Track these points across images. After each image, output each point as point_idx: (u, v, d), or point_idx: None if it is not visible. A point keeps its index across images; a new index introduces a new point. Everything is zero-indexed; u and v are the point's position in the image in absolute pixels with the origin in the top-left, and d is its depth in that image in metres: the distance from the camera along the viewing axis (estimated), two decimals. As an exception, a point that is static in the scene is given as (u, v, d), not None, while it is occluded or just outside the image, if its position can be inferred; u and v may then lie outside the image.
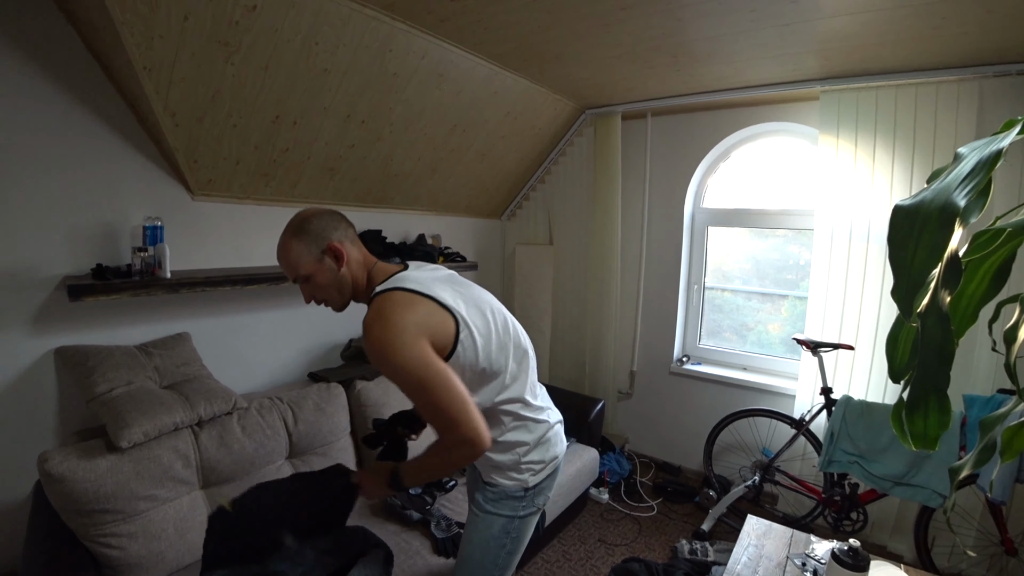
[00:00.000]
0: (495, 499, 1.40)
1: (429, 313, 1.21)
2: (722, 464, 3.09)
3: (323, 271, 1.27)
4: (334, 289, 1.30)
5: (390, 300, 1.19)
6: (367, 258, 1.37)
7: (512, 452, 1.39)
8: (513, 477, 1.39)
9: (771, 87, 2.72)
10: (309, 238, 1.26)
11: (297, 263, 1.27)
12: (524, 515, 1.43)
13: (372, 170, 2.76)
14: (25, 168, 1.78)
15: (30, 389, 1.85)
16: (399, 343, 1.13)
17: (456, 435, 1.16)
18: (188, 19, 1.68)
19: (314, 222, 1.27)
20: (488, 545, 1.41)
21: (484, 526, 1.41)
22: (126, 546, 1.61)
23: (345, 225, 1.34)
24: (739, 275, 3.33)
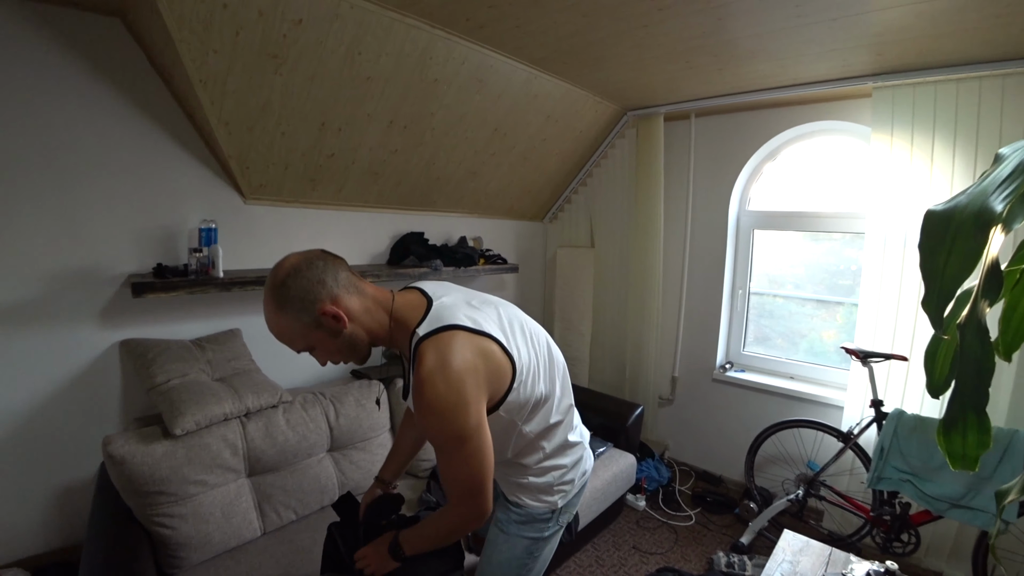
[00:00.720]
0: (521, 521, 1.34)
1: (489, 359, 1.11)
2: (764, 476, 2.99)
3: (325, 339, 1.09)
4: (347, 351, 1.14)
5: (451, 346, 1.05)
6: (378, 295, 1.17)
7: (549, 475, 1.33)
8: (543, 500, 1.33)
9: (819, 84, 2.61)
10: (294, 308, 1.05)
11: (292, 339, 1.09)
12: (549, 535, 1.37)
13: (414, 174, 2.83)
14: (97, 176, 1.95)
15: (98, 377, 2.03)
16: (461, 409, 1.03)
17: (472, 506, 1.13)
18: (240, 34, 1.79)
19: (292, 286, 1.04)
20: (510, 565, 1.37)
21: (507, 547, 1.36)
22: (177, 526, 1.72)
23: (333, 271, 1.09)
24: (791, 280, 3.20)
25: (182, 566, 1.73)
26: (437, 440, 1.09)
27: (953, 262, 0.90)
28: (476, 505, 1.12)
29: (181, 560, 1.73)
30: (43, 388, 1.92)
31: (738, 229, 3.28)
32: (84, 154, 1.91)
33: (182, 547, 1.72)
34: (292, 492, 2.05)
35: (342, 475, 2.22)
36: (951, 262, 0.90)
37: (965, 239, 0.95)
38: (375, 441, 2.38)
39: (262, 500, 1.98)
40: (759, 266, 3.30)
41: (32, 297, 1.85)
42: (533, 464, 1.31)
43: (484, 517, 1.15)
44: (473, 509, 1.13)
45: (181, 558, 1.72)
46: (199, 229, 2.12)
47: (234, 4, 1.69)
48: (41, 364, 1.90)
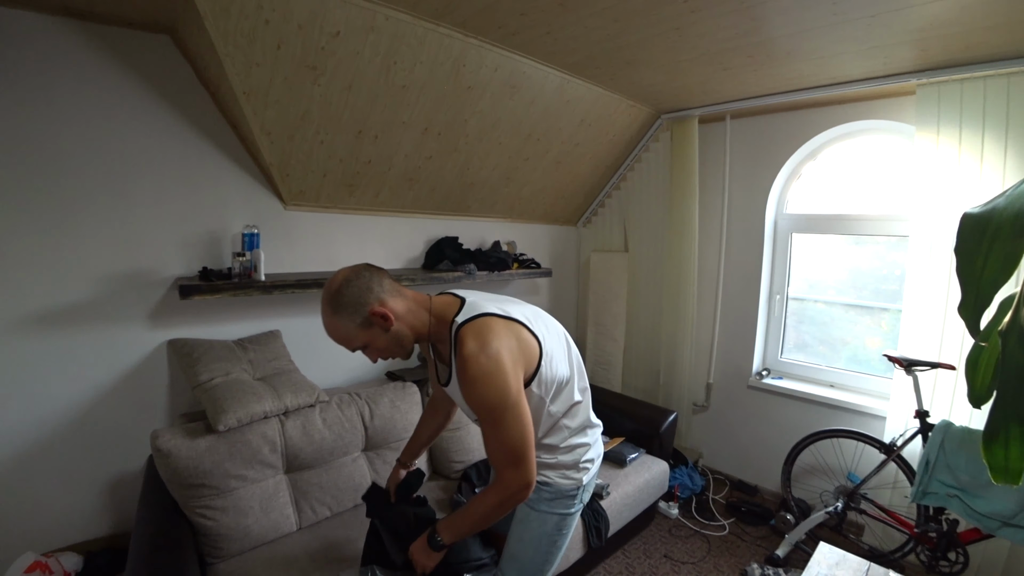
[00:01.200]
0: (550, 498, 1.46)
1: (520, 338, 1.28)
2: (802, 487, 2.89)
3: (376, 336, 1.25)
4: (394, 346, 1.29)
5: (488, 328, 1.23)
6: (418, 298, 1.34)
7: (574, 453, 1.48)
8: (570, 476, 1.47)
9: (860, 83, 2.53)
10: (348, 312, 1.22)
11: (348, 338, 1.25)
12: (574, 511, 1.51)
13: (449, 179, 2.88)
14: (148, 185, 2.07)
15: (147, 374, 2.14)
16: (501, 376, 1.19)
17: (519, 477, 1.25)
18: (281, 48, 1.87)
19: (346, 292, 1.22)
20: (540, 542, 1.49)
21: (538, 524, 1.48)
22: (218, 518, 1.80)
23: (379, 279, 1.27)
24: (833, 285, 3.10)
25: (222, 556, 1.81)
26: (483, 411, 1.22)
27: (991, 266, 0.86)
28: (521, 473, 1.25)
29: (221, 551, 1.80)
30: (99, 383, 2.04)
31: (776, 233, 3.21)
32: (136, 164, 2.03)
33: (222, 538, 1.80)
34: (327, 489, 2.11)
35: (376, 474, 2.27)
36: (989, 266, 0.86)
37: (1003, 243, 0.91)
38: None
39: (299, 496, 2.05)
40: (798, 271, 3.21)
41: (89, 298, 1.98)
42: (560, 443, 1.45)
43: (529, 487, 1.27)
44: (519, 477, 1.25)
45: (221, 548, 1.80)
46: (242, 234, 2.21)
47: (275, 19, 1.77)
48: (97, 361, 2.03)
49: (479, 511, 1.33)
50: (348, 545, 1.92)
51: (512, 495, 1.28)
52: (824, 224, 3.04)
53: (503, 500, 1.29)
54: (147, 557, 1.52)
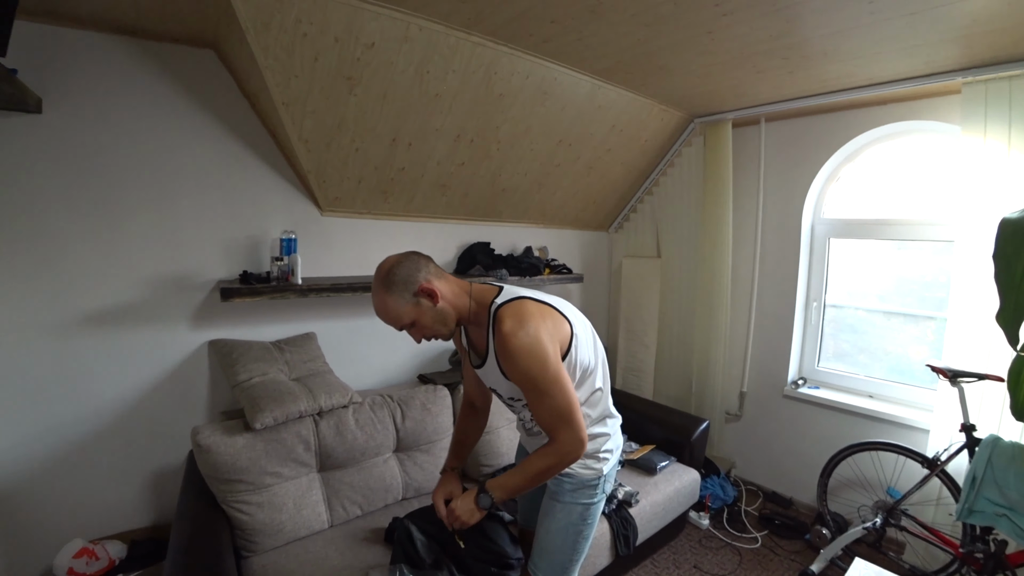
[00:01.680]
0: (573, 488, 1.52)
1: (554, 320, 1.37)
2: (839, 501, 2.79)
3: (423, 312, 1.33)
4: (439, 324, 1.36)
5: (525, 309, 1.32)
6: (460, 283, 1.43)
7: (594, 442, 1.52)
8: (591, 466, 1.52)
9: (901, 83, 2.44)
10: (399, 288, 1.30)
11: (398, 314, 1.32)
12: (597, 501, 1.55)
13: (481, 185, 2.92)
14: (193, 192, 2.17)
15: (189, 373, 2.24)
16: (540, 349, 1.28)
17: (572, 434, 1.32)
18: (318, 59, 1.93)
19: (398, 271, 1.31)
20: (567, 532, 1.53)
21: (563, 514, 1.53)
22: (254, 513, 1.86)
23: (426, 262, 1.37)
24: (875, 292, 2.99)
25: (256, 550, 1.87)
26: (528, 382, 1.30)
27: None
28: (573, 431, 1.32)
29: (256, 545, 1.86)
30: (144, 381, 2.15)
31: (813, 238, 3.12)
32: (181, 172, 2.14)
33: (257, 532, 1.86)
34: (359, 489, 2.15)
35: (406, 475, 2.31)
36: None
37: None
38: (439, 444, 2.44)
39: (331, 494, 2.10)
40: (837, 277, 3.11)
41: (137, 300, 2.08)
42: None
43: (583, 444, 1.34)
44: (572, 435, 1.32)
45: (256, 543, 1.86)
46: (280, 239, 2.29)
47: (313, 32, 1.84)
48: (143, 359, 2.13)
49: (533, 469, 1.38)
50: (378, 545, 1.95)
51: (567, 453, 1.35)
52: (864, 229, 2.95)
53: (559, 458, 1.36)
54: (186, 548, 1.59)
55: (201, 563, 1.54)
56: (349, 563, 1.85)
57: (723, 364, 3.28)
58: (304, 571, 1.79)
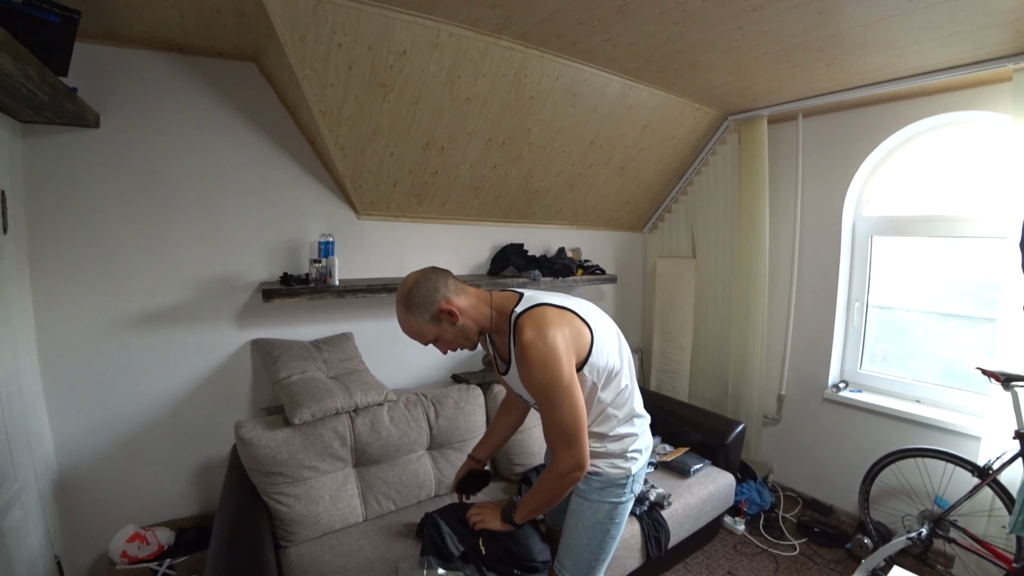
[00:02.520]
0: (600, 487, 1.53)
1: (573, 326, 1.38)
2: (883, 509, 2.67)
3: (444, 330, 1.39)
4: (461, 339, 1.43)
5: (545, 316, 1.35)
6: (479, 295, 1.46)
7: (622, 442, 1.54)
8: (619, 466, 1.53)
9: (945, 72, 2.33)
10: (419, 309, 1.35)
11: (421, 333, 1.39)
12: (625, 501, 1.56)
13: (513, 187, 2.95)
14: (236, 198, 2.28)
15: (233, 371, 2.35)
16: (556, 361, 1.30)
17: (571, 457, 1.35)
18: (352, 68, 2.01)
19: (417, 293, 1.35)
20: (595, 531, 1.54)
21: (591, 513, 1.54)
22: (292, 505, 1.94)
23: (444, 279, 1.40)
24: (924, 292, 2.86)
25: (293, 540, 1.94)
26: (539, 393, 1.33)
27: None
28: (575, 453, 1.35)
29: (293, 535, 1.94)
30: (191, 377, 2.27)
31: (854, 236, 3.01)
32: (225, 180, 2.25)
33: (295, 523, 1.94)
34: (392, 484, 2.21)
35: (439, 472, 2.35)
36: None
37: None
38: (471, 442, 2.46)
39: (365, 489, 2.16)
40: (884, 277, 2.99)
41: (186, 301, 2.20)
42: (608, 431, 1.52)
43: (581, 468, 1.37)
44: (571, 457, 1.35)
45: (293, 533, 1.94)
46: (318, 242, 2.38)
47: (347, 42, 1.91)
48: (191, 357, 2.25)
49: (540, 490, 1.47)
50: (410, 539, 2.00)
51: (564, 474, 1.38)
52: (909, 226, 2.83)
53: (557, 479, 1.39)
54: (228, 537, 1.67)
55: (242, 551, 1.61)
56: (382, 555, 1.90)
57: (760, 366, 3.19)
58: (338, 562, 1.85)
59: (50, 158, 1.92)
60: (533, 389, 1.34)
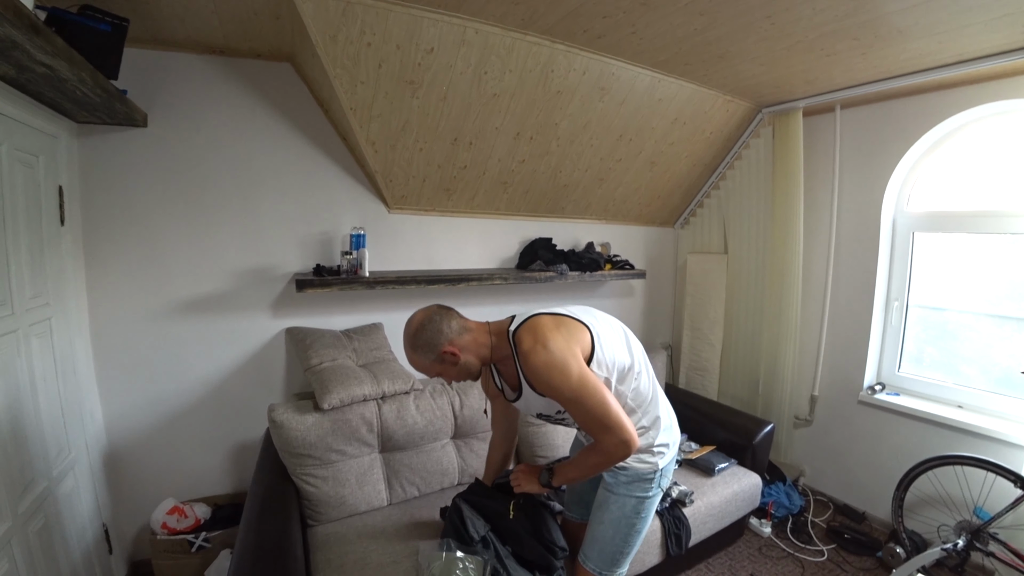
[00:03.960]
0: (628, 481, 1.56)
1: (569, 327, 1.42)
2: (918, 518, 2.57)
3: (447, 368, 1.48)
4: (463, 374, 1.50)
5: (539, 324, 1.40)
6: (479, 327, 1.52)
7: (646, 436, 1.56)
8: (645, 460, 1.56)
9: (994, 58, 2.20)
10: (424, 350, 1.44)
11: (426, 370, 1.49)
12: (652, 495, 1.58)
13: (542, 182, 2.97)
14: (272, 193, 2.39)
15: (268, 357, 2.47)
16: (561, 359, 1.33)
17: (613, 438, 1.36)
18: (382, 66, 2.07)
19: (421, 336, 1.44)
20: (620, 524, 1.57)
21: (617, 507, 1.57)
22: (320, 486, 2.03)
23: (448, 320, 1.47)
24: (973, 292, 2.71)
25: (320, 520, 2.03)
26: (559, 394, 1.35)
27: None
28: (615, 435, 1.36)
29: (320, 515, 2.03)
30: (230, 362, 2.40)
31: (894, 232, 2.89)
32: (262, 175, 2.36)
33: (322, 504, 2.02)
34: (417, 471, 2.27)
35: (462, 461, 2.40)
36: None
37: None
38: (494, 433, 2.53)
39: (390, 474, 2.23)
40: (929, 276, 2.85)
41: (225, 290, 2.33)
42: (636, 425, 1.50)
43: (627, 444, 1.37)
44: (613, 438, 1.36)
45: (321, 513, 2.03)
46: (350, 235, 2.46)
47: (376, 42, 1.97)
48: (229, 343, 2.38)
49: (584, 464, 1.50)
50: (432, 523, 2.05)
51: (610, 455, 1.40)
52: (954, 222, 2.70)
53: (606, 457, 1.43)
54: (258, 513, 1.77)
55: (271, 527, 1.70)
56: (404, 538, 1.96)
57: (792, 366, 3.11)
58: (362, 542, 1.92)
59: (103, 156, 2.06)
60: (551, 392, 1.36)
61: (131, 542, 2.30)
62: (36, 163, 1.74)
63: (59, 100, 1.71)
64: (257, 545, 1.60)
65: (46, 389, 1.76)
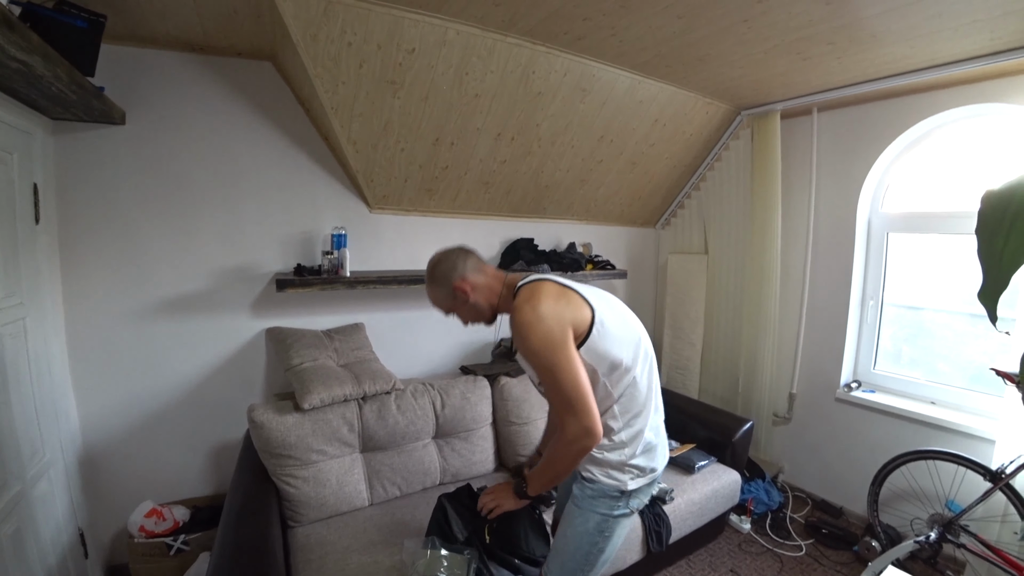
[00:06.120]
0: (592, 496, 1.47)
1: (569, 301, 1.38)
2: (894, 513, 2.62)
3: (459, 305, 1.51)
4: (473, 314, 1.53)
5: (541, 289, 1.38)
6: (496, 275, 1.54)
7: (620, 452, 1.45)
8: (614, 476, 1.45)
9: (965, 63, 2.26)
10: (439, 283, 1.49)
11: (440, 304, 1.54)
12: (618, 515, 1.47)
13: (523, 182, 2.98)
14: (254, 192, 2.38)
15: (249, 357, 2.45)
16: (544, 325, 1.30)
17: (576, 423, 1.30)
18: (363, 66, 2.07)
19: (438, 269, 1.49)
20: (582, 539, 1.49)
21: (580, 520, 1.49)
22: (300, 487, 2.02)
23: (464, 260, 1.50)
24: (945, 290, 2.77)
25: (301, 521, 2.02)
26: (535, 356, 1.32)
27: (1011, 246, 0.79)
28: (580, 418, 1.31)
29: (301, 516, 2.02)
30: (209, 363, 2.38)
31: (869, 233, 2.95)
32: (244, 174, 2.35)
33: (302, 504, 2.01)
34: (398, 471, 2.27)
35: (444, 461, 2.41)
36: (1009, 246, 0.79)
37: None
38: (477, 433, 2.53)
39: (371, 474, 2.23)
40: (904, 275, 2.91)
41: (204, 290, 2.31)
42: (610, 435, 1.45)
43: (590, 434, 1.32)
44: (576, 423, 1.31)
45: (301, 514, 2.02)
46: (331, 235, 2.46)
47: (357, 41, 1.97)
48: (209, 343, 2.36)
49: (550, 461, 1.43)
50: (414, 523, 2.05)
51: (572, 442, 1.33)
52: (927, 222, 2.76)
53: (566, 447, 1.34)
54: (238, 515, 1.75)
55: (250, 529, 1.69)
56: (385, 538, 1.96)
57: (771, 364, 3.16)
58: (343, 542, 1.92)
59: (79, 153, 2.04)
60: (527, 354, 1.33)
61: (108, 546, 2.26)
62: (10, 160, 1.71)
63: (34, 96, 1.69)
64: (236, 547, 1.58)
65: (19, 390, 1.73)
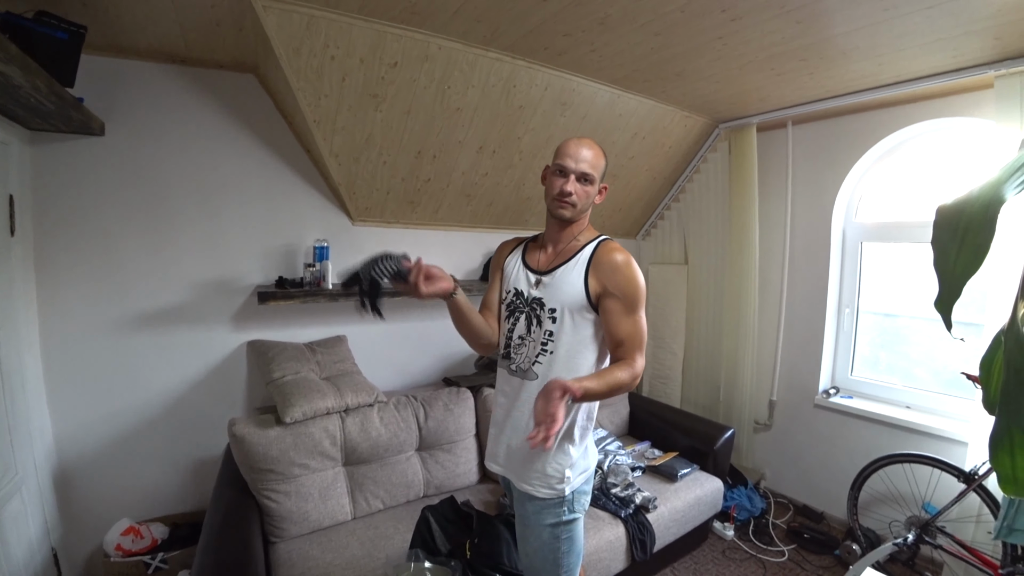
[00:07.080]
0: (536, 511, 1.47)
1: None
2: (873, 516, 2.67)
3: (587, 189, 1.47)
4: (586, 202, 1.49)
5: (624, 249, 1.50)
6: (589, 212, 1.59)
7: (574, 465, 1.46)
8: (553, 487, 1.44)
9: (929, 79, 2.37)
10: (605, 166, 1.51)
11: (595, 169, 1.47)
12: (567, 520, 1.47)
13: (505, 194, 3.01)
14: (235, 204, 2.37)
15: (230, 370, 2.43)
16: (640, 276, 1.44)
17: (643, 362, 1.42)
18: (345, 80, 2.08)
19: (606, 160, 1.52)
20: (544, 553, 1.48)
21: (534, 537, 1.49)
22: (282, 501, 1.99)
23: None
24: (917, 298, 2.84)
25: (283, 536, 1.99)
26: (633, 295, 1.42)
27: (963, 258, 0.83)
28: (642, 361, 1.42)
29: (283, 531, 1.99)
30: (189, 376, 2.34)
31: (844, 242, 3.04)
32: (225, 186, 2.34)
33: (284, 519, 1.99)
34: (381, 484, 2.26)
35: (428, 473, 2.39)
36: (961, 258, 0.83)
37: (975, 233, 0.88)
38: (460, 444, 2.52)
39: (355, 488, 2.21)
40: (879, 283, 2.99)
41: (184, 302, 2.28)
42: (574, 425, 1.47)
43: (638, 377, 1.41)
44: (641, 364, 1.41)
45: (283, 529, 1.99)
46: (313, 247, 2.45)
47: (340, 55, 1.99)
48: (189, 356, 2.33)
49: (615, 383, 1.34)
50: (397, 537, 2.04)
51: (637, 376, 1.40)
52: (899, 232, 2.84)
53: (633, 380, 1.39)
54: (219, 531, 1.73)
55: (231, 545, 1.66)
56: (368, 552, 1.95)
57: (752, 372, 3.21)
58: (326, 557, 1.90)
59: (57, 164, 2.01)
60: (629, 288, 1.41)
61: (82, 566, 2.19)
62: (-15, 172, 1.69)
63: (11, 107, 1.67)
64: (216, 564, 1.56)
65: (-9, 406, 1.69)
